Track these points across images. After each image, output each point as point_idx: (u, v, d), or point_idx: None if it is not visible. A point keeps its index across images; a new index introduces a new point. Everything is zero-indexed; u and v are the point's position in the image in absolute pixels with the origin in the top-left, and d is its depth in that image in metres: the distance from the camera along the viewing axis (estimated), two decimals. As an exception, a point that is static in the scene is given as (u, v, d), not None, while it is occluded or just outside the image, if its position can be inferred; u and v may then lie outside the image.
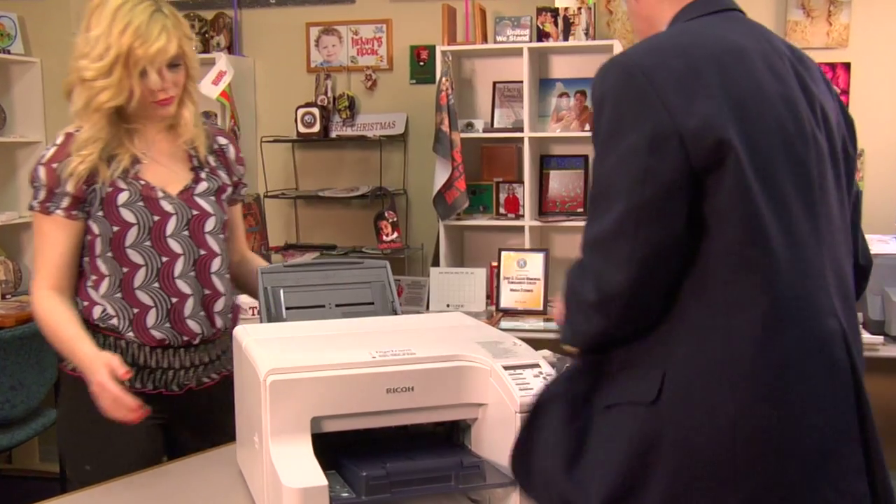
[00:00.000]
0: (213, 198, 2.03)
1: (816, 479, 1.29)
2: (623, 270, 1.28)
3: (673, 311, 1.31)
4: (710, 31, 1.40)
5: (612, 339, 1.35)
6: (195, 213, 1.99)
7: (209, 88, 4.36)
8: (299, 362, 1.45)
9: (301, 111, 4.52)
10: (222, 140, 2.15)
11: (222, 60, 4.42)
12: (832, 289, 1.36)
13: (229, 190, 2.11)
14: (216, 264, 2.01)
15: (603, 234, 1.31)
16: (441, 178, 4.16)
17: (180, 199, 1.98)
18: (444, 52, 4.19)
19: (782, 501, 1.27)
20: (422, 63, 4.59)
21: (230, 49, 4.71)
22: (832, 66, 4.00)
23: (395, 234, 4.42)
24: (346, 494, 1.41)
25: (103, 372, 1.75)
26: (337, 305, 1.91)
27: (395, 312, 1.92)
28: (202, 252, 1.99)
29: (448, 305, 4.21)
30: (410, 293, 4.42)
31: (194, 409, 2.00)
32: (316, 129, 4.51)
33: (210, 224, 2.01)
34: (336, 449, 1.52)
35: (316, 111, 4.51)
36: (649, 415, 1.30)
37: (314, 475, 1.37)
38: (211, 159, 2.08)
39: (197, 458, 1.88)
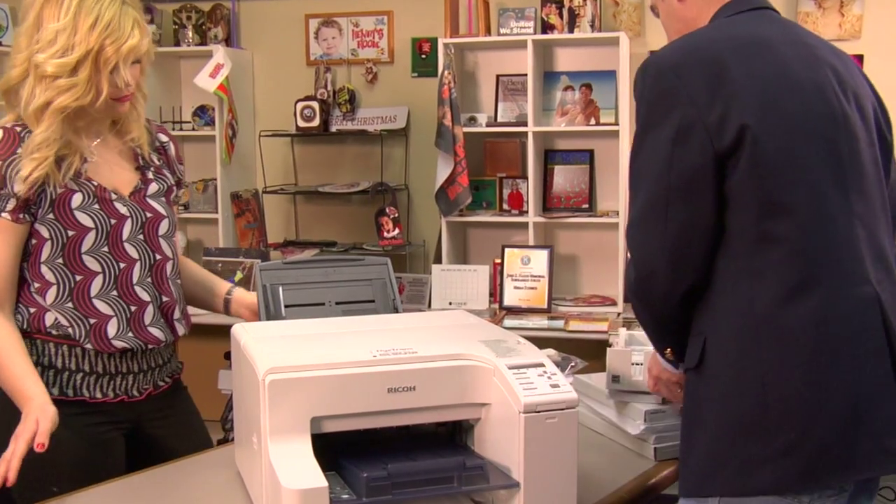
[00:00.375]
0: (163, 199, 1.97)
1: (854, 435, 1.40)
2: (655, 248, 1.48)
3: (713, 279, 1.49)
4: (739, 27, 1.55)
5: (665, 310, 1.54)
6: (149, 215, 1.92)
7: (206, 81, 4.37)
8: (299, 361, 1.45)
9: (300, 105, 4.53)
10: (163, 137, 2.06)
11: (220, 53, 4.42)
12: (867, 259, 1.47)
13: (175, 191, 2.04)
14: (170, 269, 1.96)
15: (636, 215, 1.51)
16: (443, 173, 4.16)
17: (133, 201, 1.90)
18: (446, 45, 4.19)
19: (819, 456, 1.40)
20: (424, 56, 4.59)
21: (228, 41, 4.71)
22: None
23: (397, 231, 4.42)
24: (346, 496, 1.41)
25: (31, 421, 1.65)
26: (337, 303, 1.91)
27: (396, 310, 1.92)
28: (157, 257, 1.93)
29: (450, 303, 4.22)
30: (412, 291, 4.42)
31: (159, 413, 1.97)
32: (315, 123, 4.52)
33: (164, 227, 1.95)
34: (336, 449, 1.52)
35: (315, 105, 4.51)
36: (695, 378, 1.50)
37: (314, 476, 1.37)
38: (154, 158, 2.00)
39: (194, 459, 1.89)
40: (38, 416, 1.66)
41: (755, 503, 1.44)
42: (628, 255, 1.57)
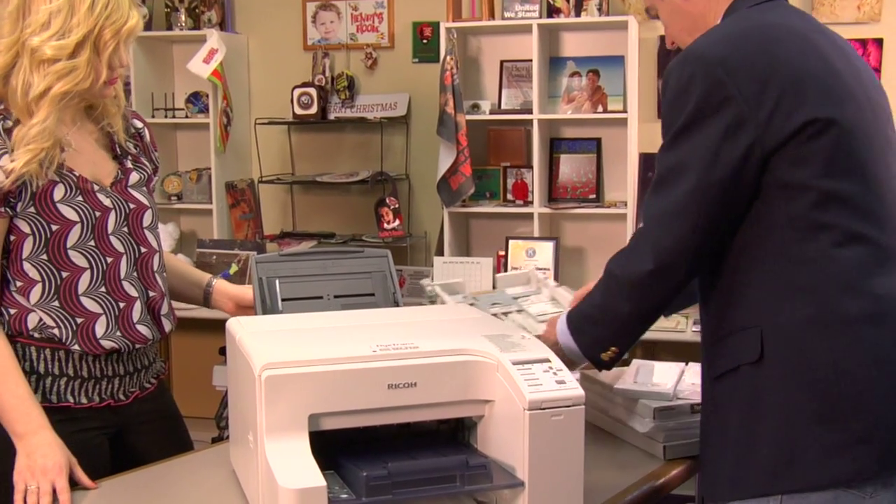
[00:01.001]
0: (145, 189, 1.96)
1: None
2: (678, 241, 1.53)
3: (749, 271, 1.53)
4: (768, 19, 1.58)
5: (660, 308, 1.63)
6: (132, 206, 1.89)
7: (200, 67, 4.37)
8: (296, 356, 1.45)
9: (297, 92, 4.52)
10: (138, 123, 2.04)
11: (214, 37, 4.42)
12: None
13: (153, 179, 2.02)
14: (156, 262, 1.94)
15: (665, 208, 1.54)
16: (445, 162, 4.16)
17: (115, 192, 1.87)
18: (448, 29, 4.18)
19: (893, 440, 1.44)
20: (425, 41, 4.59)
21: (222, 25, 4.71)
22: (863, 42, 3.98)
23: (397, 222, 4.42)
24: (345, 496, 1.41)
25: (59, 467, 1.63)
26: (335, 297, 1.91)
27: (396, 304, 1.92)
28: (143, 249, 1.91)
29: (453, 297, 4.22)
30: (413, 284, 4.43)
31: (145, 417, 1.96)
32: (313, 110, 4.51)
33: (147, 218, 1.93)
34: (335, 448, 1.52)
35: (313, 92, 4.51)
36: (754, 372, 1.51)
37: (312, 475, 1.37)
38: (130, 145, 1.98)
39: (188, 458, 1.89)
40: (46, 463, 1.63)
41: (821, 498, 1.46)
42: (639, 242, 1.59)
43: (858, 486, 1.45)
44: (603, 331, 1.67)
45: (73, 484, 1.67)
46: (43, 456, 1.65)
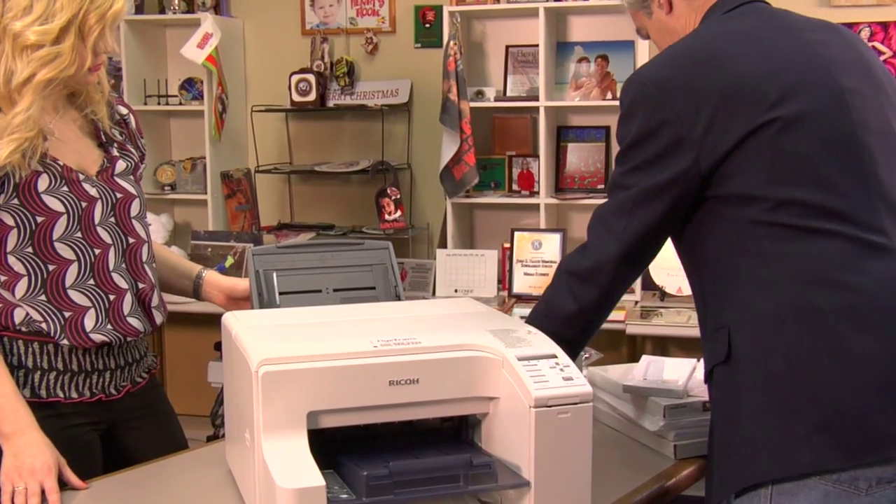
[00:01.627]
0: (132, 177, 1.95)
1: (891, 410, 1.45)
2: (617, 240, 1.65)
3: (720, 273, 1.60)
4: (728, 27, 1.65)
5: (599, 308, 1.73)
6: (119, 195, 1.89)
7: (194, 52, 4.37)
8: (294, 352, 1.45)
9: (295, 78, 4.52)
10: (123, 110, 2.03)
11: (208, 21, 4.41)
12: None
13: (140, 167, 2.02)
14: (145, 253, 1.95)
15: (606, 210, 1.68)
16: (448, 151, 4.16)
17: (101, 181, 1.87)
18: (451, 13, 4.18)
19: (856, 431, 1.45)
20: (428, 25, 4.58)
21: (217, 9, 4.70)
22: (884, 25, 3.98)
23: (399, 213, 4.42)
24: (345, 496, 1.41)
25: (48, 468, 1.64)
26: (335, 290, 1.91)
27: (398, 298, 1.92)
28: (131, 240, 1.91)
29: (456, 290, 4.22)
30: (415, 277, 4.43)
31: (137, 412, 1.96)
32: (311, 97, 4.51)
33: (135, 208, 1.93)
34: (334, 446, 1.53)
35: (311, 78, 4.51)
36: (726, 371, 1.57)
37: (310, 475, 1.37)
38: (116, 133, 1.97)
39: (182, 457, 1.89)
40: (35, 463, 1.63)
41: (812, 490, 1.48)
42: (577, 249, 1.75)
43: (849, 483, 1.46)
44: (549, 324, 1.70)
45: (63, 484, 1.67)
46: (31, 456, 1.65)
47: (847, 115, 1.56)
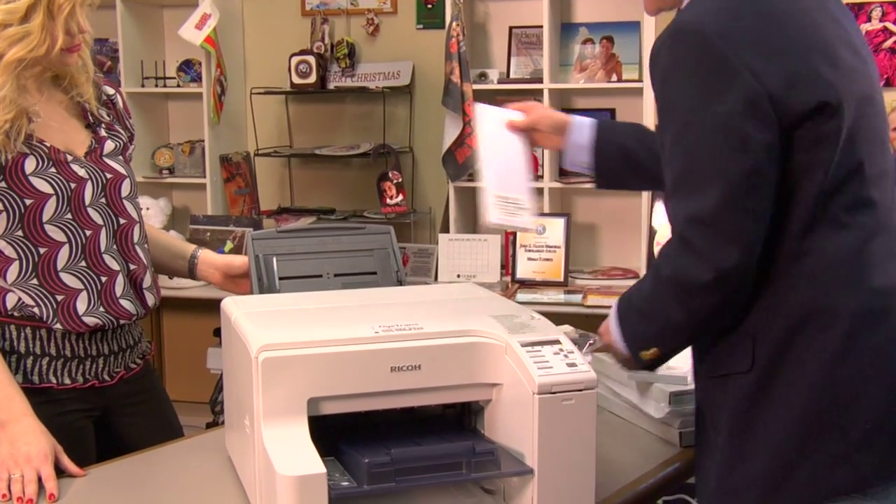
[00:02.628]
0: (120, 157, 1.95)
1: None
2: (737, 243, 1.41)
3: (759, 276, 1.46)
4: None
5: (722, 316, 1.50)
6: (109, 176, 1.89)
7: (192, 34, 4.36)
8: (295, 338, 1.45)
9: (295, 60, 4.51)
10: (109, 90, 2.03)
11: (206, 2, 4.40)
12: None
13: (129, 147, 2.01)
14: (136, 234, 1.95)
15: (709, 209, 1.41)
16: (451, 134, 4.15)
17: (90, 162, 1.87)
18: (454, -7, 4.16)
19: (892, 447, 1.40)
20: (430, 5, 4.57)
21: (216, -10, 4.68)
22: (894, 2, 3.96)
23: (400, 197, 4.42)
24: (346, 483, 1.42)
25: (44, 455, 1.64)
26: (336, 275, 1.91)
27: (400, 283, 1.92)
28: (122, 221, 1.91)
29: (458, 276, 4.22)
30: (417, 262, 4.43)
31: (130, 399, 1.97)
32: (312, 79, 4.50)
33: (126, 188, 1.93)
34: (335, 433, 1.53)
35: (311, 60, 4.50)
36: (745, 383, 1.47)
37: (311, 462, 1.38)
38: (104, 113, 1.97)
39: (181, 444, 1.90)
40: (31, 450, 1.64)
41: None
42: (676, 250, 1.48)
43: (883, 496, 1.43)
44: (647, 328, 1.58)
45: (60, 472, 1.68)
46: (27, 444, 1.65)
47: (873, 101, 1.52)
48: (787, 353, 1.45)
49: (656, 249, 3.77)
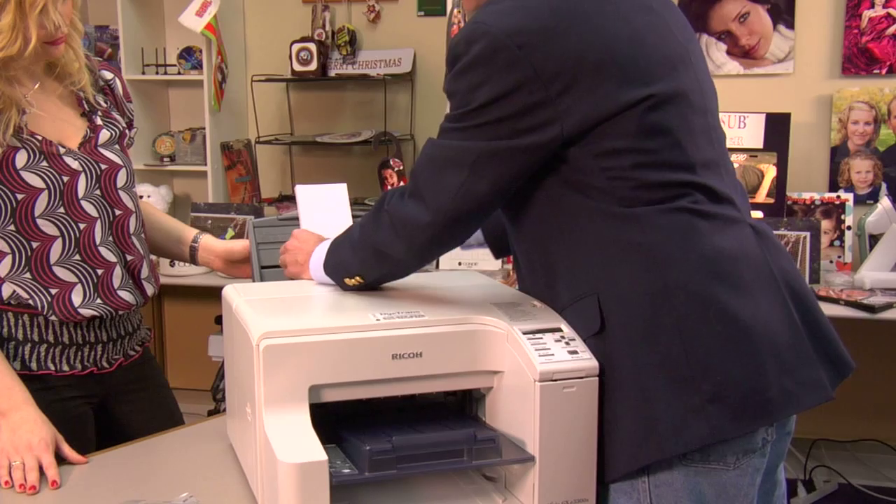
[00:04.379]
0: (117, 146, 1.93)
1: (773, 372, 1.45)
2: (461, 196, 1.48)
3: (582, 235, 1.50)
4: None
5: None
6: (104, 167, 1.87)
7: (192, 20, 4.34)
8: (296, 325, 1.45)
9: (296, 47, 4.50)
10: (107, 74, 2.00)
11: (207, -11, 4.39)
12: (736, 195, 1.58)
13: (128, 134, 2.00)
14: (133, 224, 1.93)
15: (437, 154, 1.50)
16: (452, 121, 4.14)
17: (84, 153, 1.86)
18: (455, -20, 4.15)
19: (745, 397, 1.43)
20: (431, -8, 4.55)
21: (216, -24, 4.66)
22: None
23: (402, 185, 4.41)
24: (347, 470, 1.42)
25: (45, 444, 1.65)
26: (337, 263, 1.91)
27: (401, 271, 1.92)
28: (117, 212, 1.90)
29: (460, 263, 4.22)
30: (418, 250, 4.42)
31: (129, 387, 1.98)
32: (313, 66, 4.49)
33: (122, 178, 1.91)
34: (336, 421, 1.53)
35: (312, 47, 4.49)
36: (600, 345, 1.48)
37: (312, 449, 1.38)
38: (100, 100, 1.95)
39: (183, 431, 1.90)
40: (32, 439, 1.65)
41: (686, 480, 1.45)
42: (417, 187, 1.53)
43: (719, 460, 1.45)
44: (351, 257, 1.64)
45: (60, 460, 1.68)
46: (28, 432, 1.66)
47: (701, 91, 1.56)
48: (636, 313, 1.46)
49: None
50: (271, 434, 1.40)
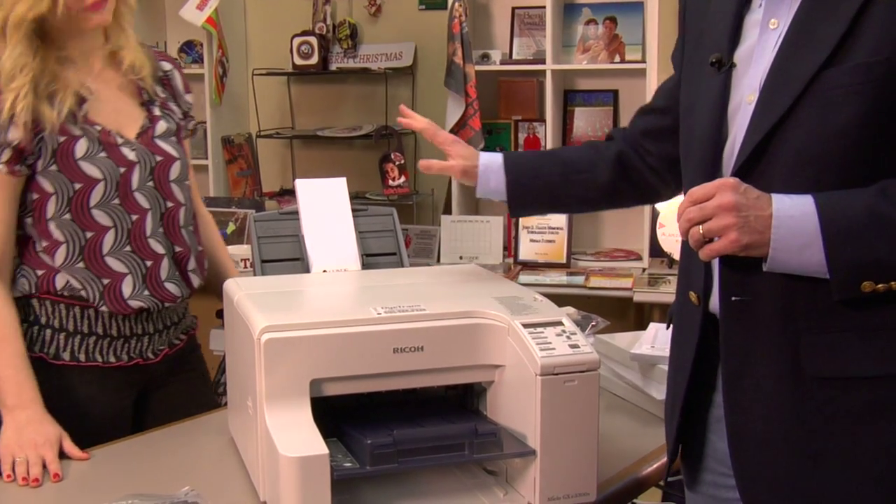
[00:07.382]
0: (174, 139, 1.95)
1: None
2: None
3: None
4: None
5: None
6: (159, 158, 1.89)
7: (193, 14, 4.34)
8: (297, 319, 1.45)
9: (297, 41, 4.49)
10: (166, 66, 2.02)
11: (208, -17, 4.38)
12: None
13: (184, 126, 2.02)
14: (182, 217, 1.95)
15: None
16: (453, 115, 4.14)
17: (141, 144, 1.87)
18: (456, -26, 4.14)
19: None
20: (432, -14, 4.55)
21: (217, -30, 4.66)
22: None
23: (403, 179, 4.41)
24: (348, 464, 1.42)
25: (50, 442, 1.65)
26: (338, 257, 1.91)
27: (402, 265, 1.92)
28: (169, 204, 1.91)
29: (461, 257, 4.22)
30: (419, 244, 4.43)
31: (171, 376, 1.99)
32: (314, 60, 4.49)
33: (175, 171, 1.93)
34: (338, 414, 1.53)
35: (313, 40, 4.48)
36: None
37: (313, 443, 1.38)
38: (159, 90, 1.97)
39: (185, 425, 1.90)
40: (37, 437, 1.65)
41: None
42: None
43: None
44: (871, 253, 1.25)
45: (63, 456, 1.69)
46: (33, 431, 1.67)
47: None
48: None
49: (659, 231, 3.76)
50: (272, 428, 1.40)
